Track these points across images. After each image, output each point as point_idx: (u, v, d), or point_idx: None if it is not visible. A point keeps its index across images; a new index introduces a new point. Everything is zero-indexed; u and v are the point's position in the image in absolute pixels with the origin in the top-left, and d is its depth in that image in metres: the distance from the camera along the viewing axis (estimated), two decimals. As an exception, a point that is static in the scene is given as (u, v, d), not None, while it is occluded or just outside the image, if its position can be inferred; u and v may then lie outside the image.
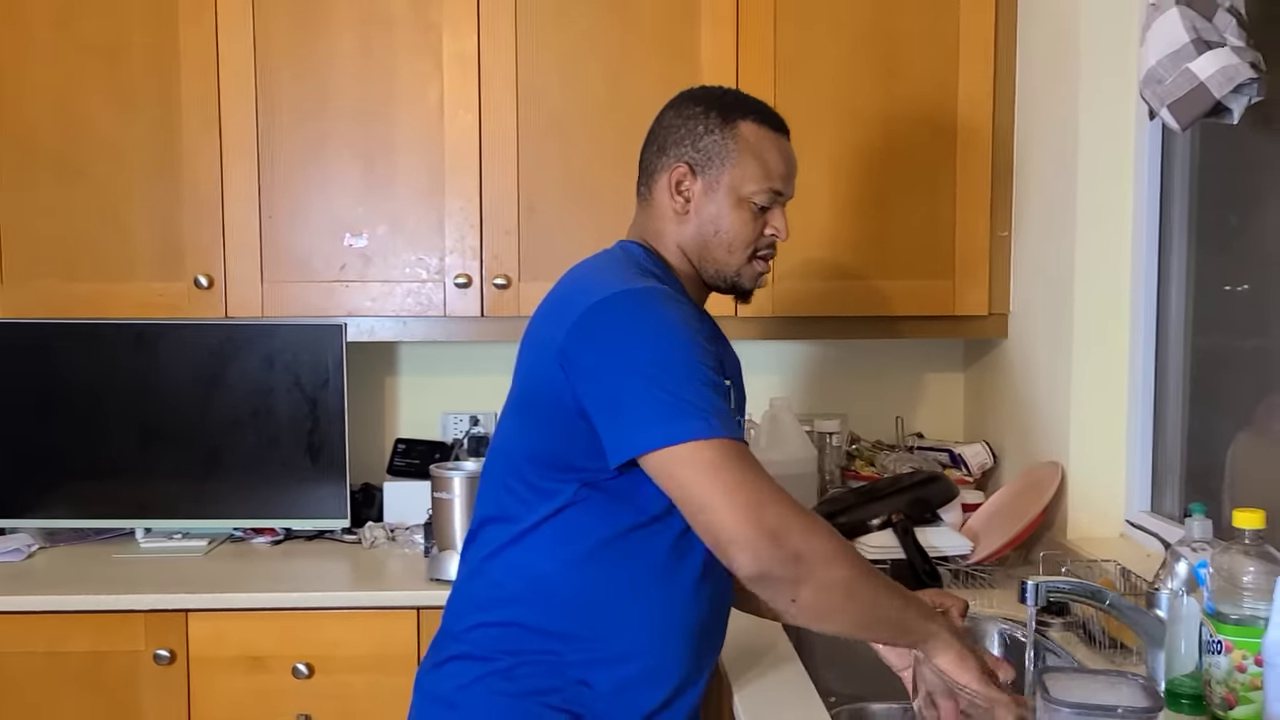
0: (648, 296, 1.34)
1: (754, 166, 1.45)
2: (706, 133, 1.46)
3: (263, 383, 2.33)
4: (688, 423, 1.25)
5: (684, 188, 1.46)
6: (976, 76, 2.27)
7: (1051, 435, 2.12)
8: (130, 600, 2.02)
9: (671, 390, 1.26)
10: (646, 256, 1.47)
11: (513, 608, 1.39)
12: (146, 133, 2.26)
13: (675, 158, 1.47)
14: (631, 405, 1.28)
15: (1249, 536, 1.32)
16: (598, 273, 1.42)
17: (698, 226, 1.46)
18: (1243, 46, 1.44)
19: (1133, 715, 1.11)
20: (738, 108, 1.47)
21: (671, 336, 1.30)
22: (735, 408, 1.48)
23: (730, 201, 1.45)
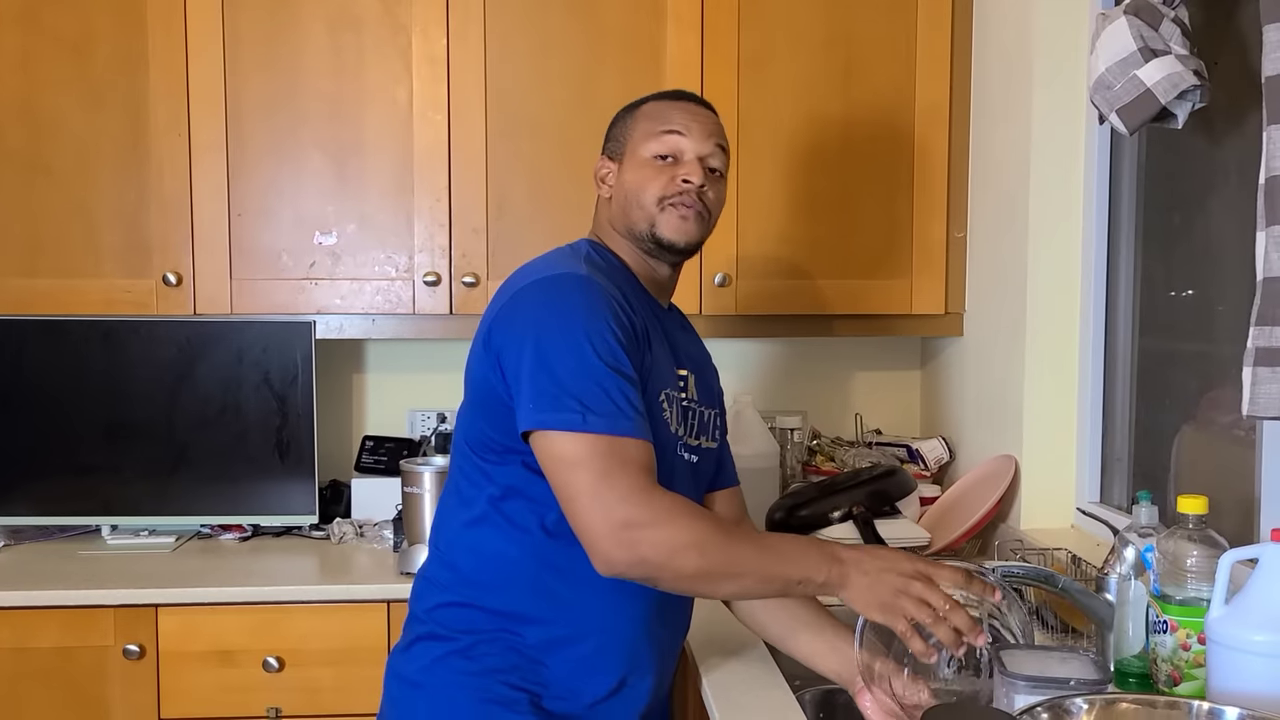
0: (564, 282, 1.39)
1: (647, 125, 1.51)
2: (617, 123, 1.56)
3: (231, 380, 2.34)
4: (562, 413, 1.29)
5: (606, 176, 1.54)
6: (933, 82, 2.34)
7: (1005, 430, 2.19)
8: (99, 595, 2.02)
9: (557, 378, 1.31)
10: (593, 250, 1.51)
11: (469, 589, 1.44)
12: (114, 129, 2.26)
13: (603, 150, 1.57)
14: (526, 385, 1.33)
15: (1192, 521, 1.38)
16: (534, 264, 1.48)
17: (619, 203, 1.52)
18: (1186, 55, 1.51)
19: (1084, 686, 1.17)
20: (644, 98, 1.56)
21: (571, 324, 1.34)
22: (694, 399, 1.54)
23: (633, 164, 1.50)
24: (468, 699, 1.42)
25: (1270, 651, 1.19)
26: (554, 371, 1.32)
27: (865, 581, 1.30)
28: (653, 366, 1.44)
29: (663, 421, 1.44)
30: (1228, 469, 1.75)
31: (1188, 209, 1.90)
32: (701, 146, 1.50)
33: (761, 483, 2.32)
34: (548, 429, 1.31)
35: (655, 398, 1.43)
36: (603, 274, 1.44)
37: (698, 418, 1.55)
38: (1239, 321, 1.67)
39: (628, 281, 1.50)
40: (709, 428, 1.59)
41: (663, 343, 1.50)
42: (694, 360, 1.60)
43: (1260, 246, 1.26)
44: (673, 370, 1.50)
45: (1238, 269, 1.72)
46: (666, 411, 1.45)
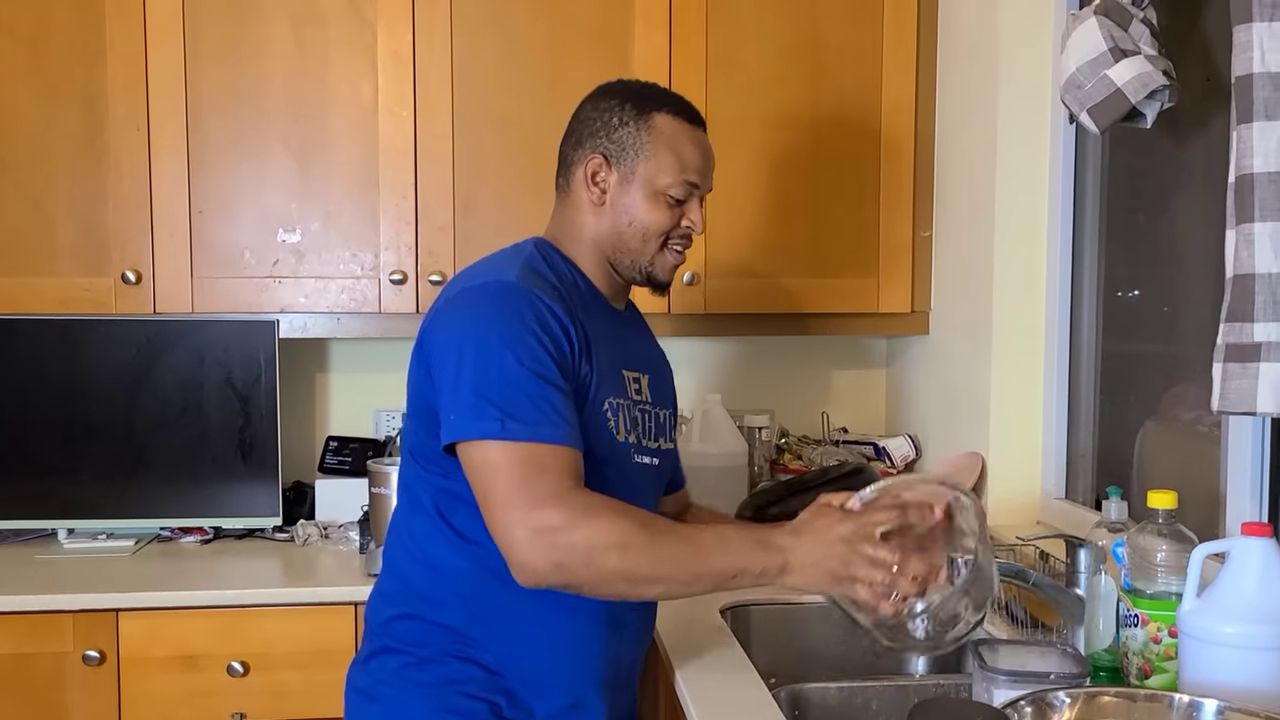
0: (490, 291, 1.36)
1: (668, 159, 1.45)
2: (621, 125, 1.46)
3: (192, 380, 2.30)
4: (481, 421, 1.27)
5: (599, 179, 1.47)
6: (899, 82, 2.36)
7: (971, 427, 2.21)
8: (57, 600, 1.98)
9: (476, 387, 1.29)
10: (541, 253, 1.47)
11: (420, 603, 1.43)
12: (70, 124, 2.21)
13: (591, 149, 1.47)
14: (447, 396, 1.32)
15: (1162, 516, 1.40)
16: (471, 269, 1.46)
17: (613, 218, 1.47)
18: (1155, 55, 1.53)
19: (1064, 680, 1.18)
20: (653, 100, 1.48)
21: (491, 333, 1.31)
22: (648, 400, 1.52)
23: (645, 193, 1.45)
24: (427, 710, 1.40)
25: (1241, 643, 1.21)
26: (474, 381, 1.29)
27: (809, 561, 1.27)
28: (596, 374, 1.40)
29: (608, 430, 1.42)
30: (1190, 464, 1.78)
31: (1151, 208, 1.93)
32: (708, 189, 1.51)
33: (730, 481, 2.33)
34: (468, 439, 1.29)
35: (599, 407, 1.40)
36: (540, 278, 1.41)
37: (653, 420, 1.53)
38: (1201, 319, 1.70)
39: (576, 285, 1.47)
40: (665, 428, 1.57)
41: (612, 347, 1.46)
42: (649, 362, 1.59)
43: (1230, 244, 1.28)
44: (621, 376, 1.47)
45: (1199, 268, 1.75)
46: (612, 420, 1.42)
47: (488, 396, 1.28)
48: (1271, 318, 1.24)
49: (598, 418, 1.40)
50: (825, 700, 1.56)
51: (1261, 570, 1.22)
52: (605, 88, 1.52)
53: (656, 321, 2.31)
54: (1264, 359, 1.25)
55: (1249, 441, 1.54)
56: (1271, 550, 1.23)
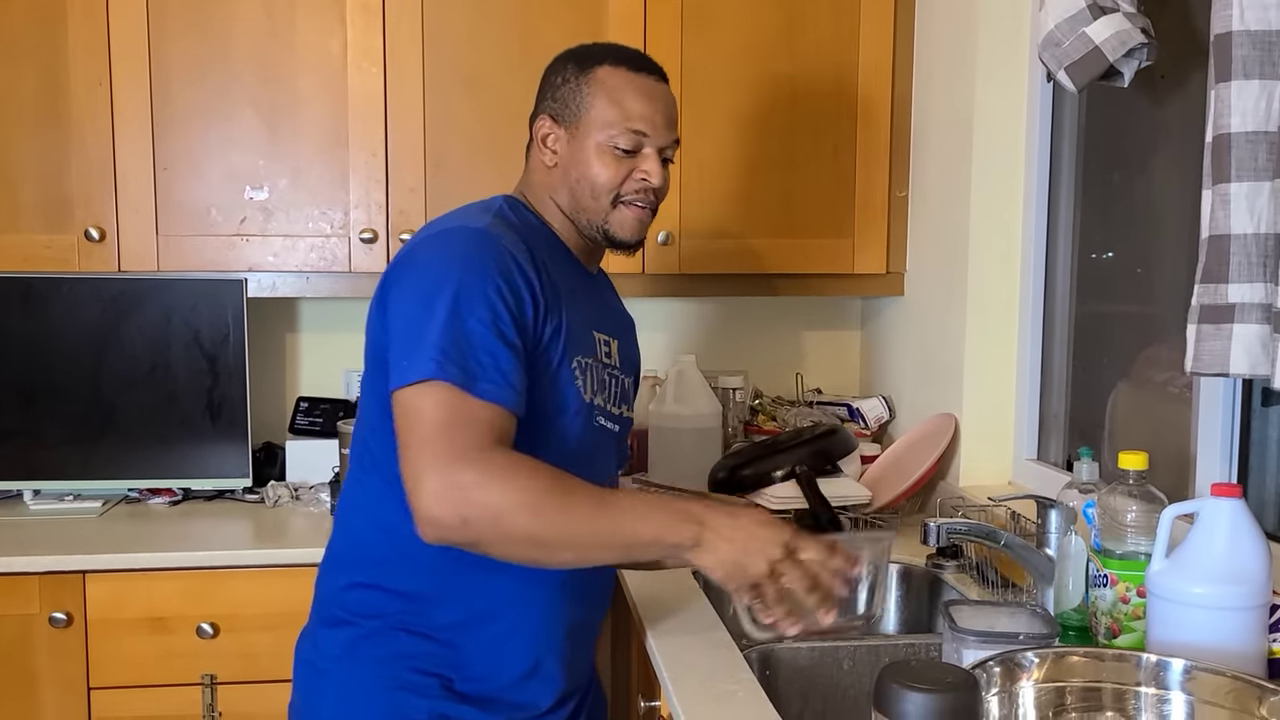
0: (455, 237, 1.33)
1: (610, 110, 1.42)
2: (563, 82, 1.45)
3: (159, 339, 2.26)
4: (419, 363, 1.23)
5: (550, 140, 1.45)
6: (876, 40, 2.33)
7: (945, 389, 2.21)
8: (22, 562, 1.95)
9: (423, 333, 1.24)
10: (509, 208, 1.44)
11: (374, 568, 1.39)
12: (30, 84, 2.16)
13: (541, 111, 1.48)
14: (398, 339, 1.28)
15: (1133, 477, 1.41)
16: (438, 219, 1.42)
17: (564, 176, 1.44)
18: (1134, 12, 1.52)
19: (1033, 640, 1.18)
20: (595, 55, 1.45)
21: (448, 279, 1.27)
22: (616, 365, 1.50)
23: (590, 147, 1.42)
24: (376, 685, 1.38)
25: (1209, 603, 1.22)
26: (424, 327, 1.25)
27: (724, 546, 1.21)
28: (564, 331, 1.37)
29: (574, 388, 1.39)
30: (1162, 425, 1.79)
31: (1127, 169, 1.92)
32: (662, 139, 1.44)
33: (704, 442, 2.32)
34: (405, 383, 1.24)
35: (567, 364, 1.37)
36: (511, 228, 1.38)
37: (619, 385, 1.51)
38: (1175, 281, 1.70)
39: (546, 242, 1.44)
40: (629, 395, 1.55)
41: (583, 306, 1.44)
42: (620, 327, 1.56)
43: (1206, 204, 1.27)
44: (591, 335, 1.45)
45: (1174, 229, 1.75)
46: (580, 379, 1.40)
47: (434, 342, 1.23)
48: (1246, 279, 1.24)
49: (565, 374, 1.37)
50: (796, 660, 1.57)
51: (1230, 531, 1.23)
52: (563, 52, 1.51)
53: (630, 282, 2.32)
54: (1238, 320, 1.24)
55: (1219, 403, 1.54)
56: (1240, 511, 1.23)
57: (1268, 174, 1.23)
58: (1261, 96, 1.22)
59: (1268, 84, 1.22)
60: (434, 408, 1.21)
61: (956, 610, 1.25)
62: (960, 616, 1.24)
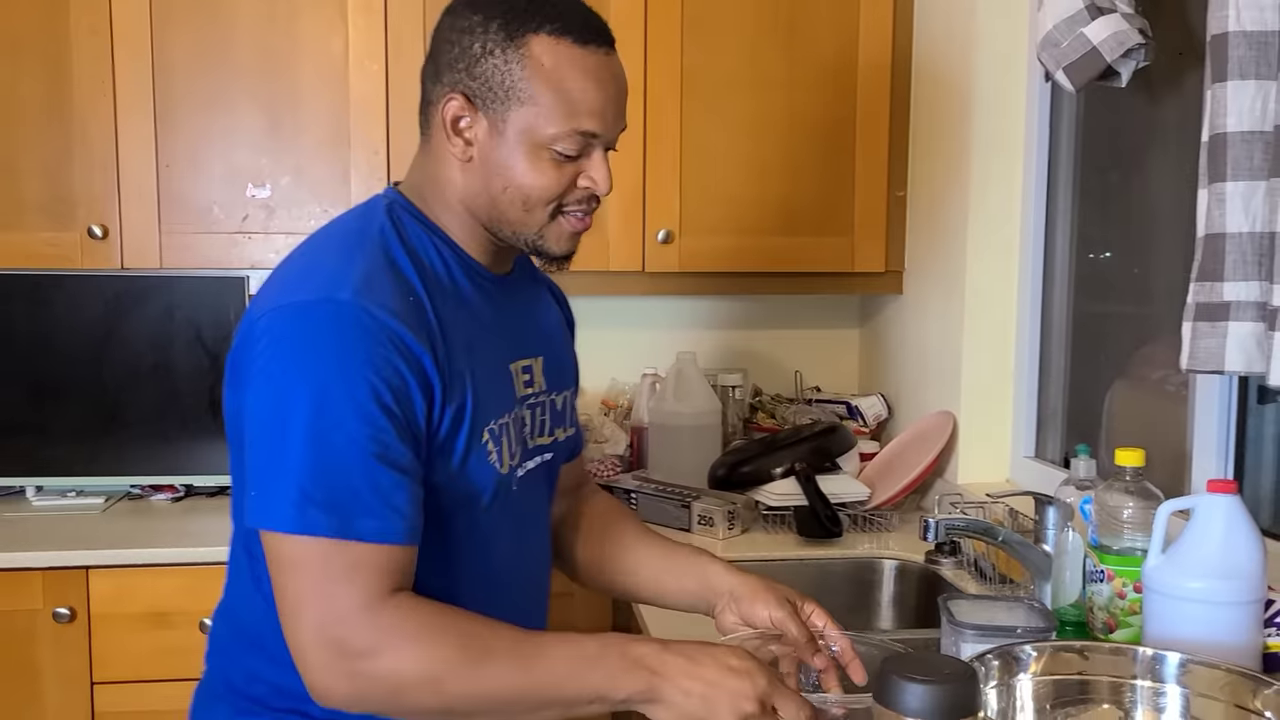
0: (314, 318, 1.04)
1: (551, 102, 1.09)
2: (485, 53, 1.09)
3: (162, 336, 2.27)
4: (279, 505, 1.00)
5: (462, 126, 1.12)
6: (876, 40, 2.34)
7: (943, 387, 2.22)
8: (26, 558, 1.96)
9: (282, 460, 1.00)
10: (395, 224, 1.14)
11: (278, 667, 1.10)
12: (33, 78, 2.16)
13: (449, 85, 1.12)
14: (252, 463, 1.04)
15: (1129, 474, 1.42)
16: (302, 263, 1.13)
17: (484, 178, 1.13)
18: (1132, 13, 1.53)
19: (1030, 634, 1.19)
20: (527, 16, 1.10)
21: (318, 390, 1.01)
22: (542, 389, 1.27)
23: (524, 148, 1.11)
24: None
25: (1205, 598, 1.23)
26: (279, 451, 1.01)
27: (681, 700, 1.01)
28: (472, 401, 1.12)
29: (489, 466, 1.14)
30: (1158, 423, 1.80)
31: (1124, 168, 1.93)
32: (613, 134, 1.15)
33: (703, 440, 2.34)
34: (264, 527, 1.02)
35: (478, 440, 1.13)
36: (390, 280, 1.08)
37: (548, 410, 1.28)
38: (1172, 280, 1.71)
39: (437, 270, 1.14)
40: (564, 415, 1.33)
41: (493, 345, 1.18)
42: (542, 339, 1.30)
43: (1202, 203, 1.29)
44: (506, 377, 1.20)
45: (1171, 228, 1.76)
46: (494, 452, 1.15)
47: (294, 477, 1.00)
48: (1241, 277, 1.25)
49: (479, 452, 1.13)
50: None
51: (1225, 526, 1.24)
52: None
53: (630, 280, 2.33)
54: (1233, 318, 1.26)
55: (1215, 400, 1.56)
56: (1235, 507, 1.24)
57: (1263, 173, 1.24)
58: (1257, 96, 1.23)
59: (1263, 84, 1.23)
60: (304, 559, 1.00)
61: (955, 604, 1.27)
62: (958, 611, 1.25)
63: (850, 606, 1.90)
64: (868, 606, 1.94)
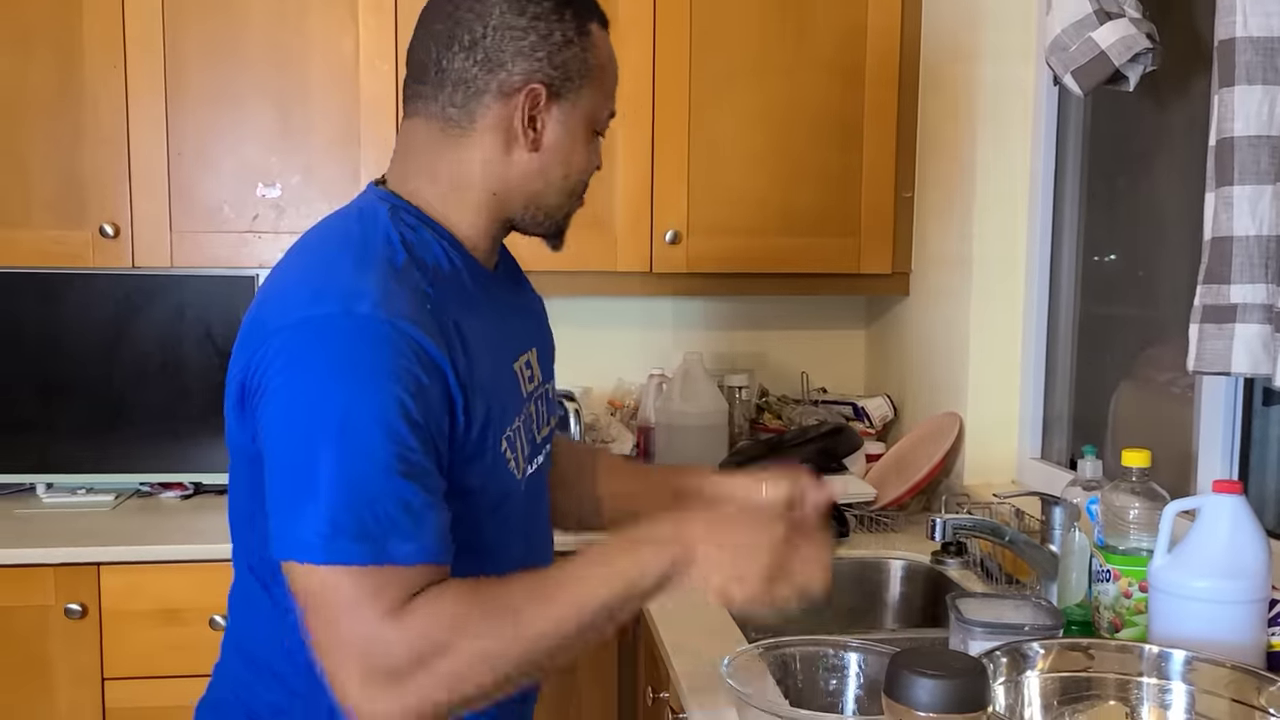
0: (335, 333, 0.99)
1: (607, 84, 1.15)
2: (566, 42, 1.09)
3: (172, 335, 2.28)
4: (307, 536, 0.96)
5: (538, 114, 1.10)
6: (884, 42, 2.35)
7: (950, 388, 2.23)
8: (38, 554, 1.98)
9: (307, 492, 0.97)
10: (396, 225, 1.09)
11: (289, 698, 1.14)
12: (46, 75, 2.18)
13: (525, 75, 1.08)
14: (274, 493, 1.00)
15: (1135, 475, 1.43)
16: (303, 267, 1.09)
17: (543, 165, 1.12)
18: (1139, 18, 1.54)
19: (1038, 631, 1.21)
20: (586, 5, 1.13)
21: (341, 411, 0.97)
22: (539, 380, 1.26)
23: (583, 132, 1.13)
24: None
25: (1210, 597, 1.25)
26: (305, 478, 0.97)
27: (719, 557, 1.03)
28: (486, 409, 1.09)
29: (508, 471, 1.14)
30: (1163, 424, 1.81)
31: (1131, 171, 1.94)
32: None
33: (710, 440, 2.35)
34: (293, 559, 0.97)
35: (497, 449, 1.11)
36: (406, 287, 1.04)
37: (545, 403, 1.27)
38: (1177, 282, 1.72)
39: (443, 270, 1.10)
40: (552, 404, 1.32)
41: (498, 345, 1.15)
42: (531, 325, 1.29)
43: (1209, 206, 1.30)
44: (512, 378, 1.18)
45: (1176, 231, 1.77)
46: (511, 458, 1.14)
47: (323, 506, 0.96)
48: (1248, 280, 1.26)
49: (498, 461, 1.12)
50: (803, 653, 1.59)
51: (1231, 527, 1.25)
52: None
53: (638, 280, 2.34)
54: (1239, 320, 1.27)
55: (1221, 401, 1.57)
56: (1241, 507, 1.25)
57: (1270, 177, 1.26)
58: (1264, 101, 1.25)
59: (1270, 89, 1.25)
60: (334, 591, 0.96)
61: (963, 603, 1.28)
62: (967, 608, 1.26)
63: (857, 606, 1.91)
64: (874, 606, 1.95)
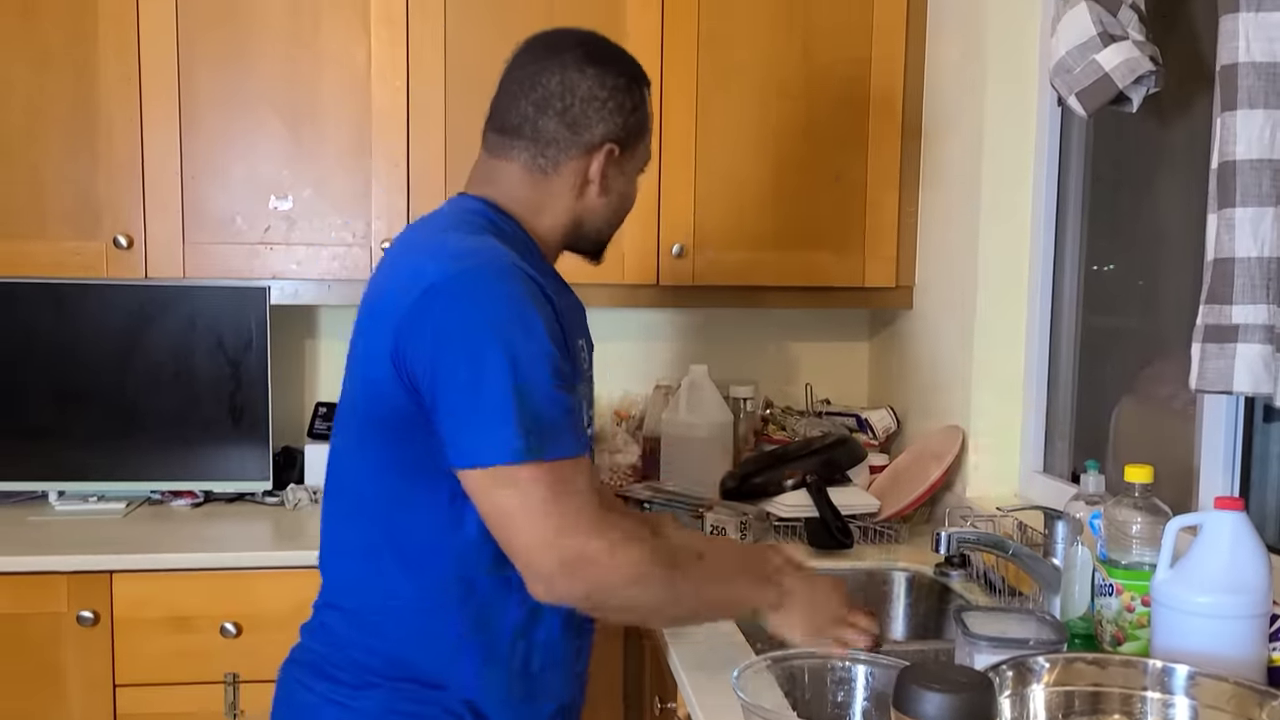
0: (479, 277, 1.21)
1: (649, 134, 1.42)
2: (634, 107, 1.36)
3: (184, 344, 2.31)
4: (497, 443, 1.16)
5: (609, 171, 1.37)
6: (889, 61, 2.38)
7: (953, 401, 2.25)
8: (51, 561, 2.00)
9: (483, 401, 1.16)
10: (492, 217, 1.33)
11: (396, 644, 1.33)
12: (62, 88, 2.21)
13: (603, 136, 1.34)
14: (455, 411, 1.19)
15: (1138, 490, 1.45)
16: (432, 236, 1.30)
17: (610, 204, 1.39)
18: (1143, 41, 1.57)
19: (1043, 646, 1.23)
20: (639, 74, 1.39)
21: (508, 335, 1.18)
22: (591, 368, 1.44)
23: (635, 175, 1.42)
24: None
25: (1212, 612, 1.26)
26: (485, 399, 1.16)
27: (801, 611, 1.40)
28: (572, 362, 1.31)
29: (583, 421, 1.33)
30: (1164, 439, 1.83)
31: (1133, 189, 1.97)
32: None
33: (715, 451, 2.38)
34: (486, 464, 1.17)
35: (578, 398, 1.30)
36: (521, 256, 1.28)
37: (591, 395, 1.47)
38: (1178, 299, 1.74)
39: (532, 253, 1.34)
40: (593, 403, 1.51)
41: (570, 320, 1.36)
42: (583, 321, 1.47)
43: (1211, 229, 1.32)
44: (580, 351, 1.39)
45: (1176, 249, 1.80)
46: (584, 414, 1.35)
47: (506, 417, 1.16)
48: (1249, 300, 1.28)
49: (579, 406, 1.30)
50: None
51: (1233, 542, 1.27)
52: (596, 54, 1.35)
53: (644, 293, 2.37)
54: (1241, 340, 1.29)
55: (1223, 419, 1.59)
56: (1242, 523, 1.27)
57: (1271, 200, 1.28)
58: (1266, 125, 1.27)
59: (1272, 113, 1.27)
60: (532, 485, 1.17)
61: (969, 616, 1.30)
62: (972, 622, 1.28)
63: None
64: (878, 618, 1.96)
